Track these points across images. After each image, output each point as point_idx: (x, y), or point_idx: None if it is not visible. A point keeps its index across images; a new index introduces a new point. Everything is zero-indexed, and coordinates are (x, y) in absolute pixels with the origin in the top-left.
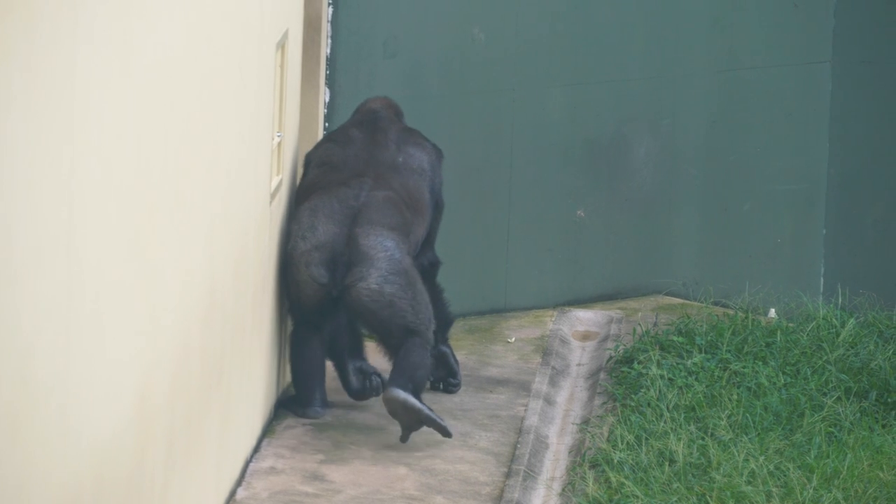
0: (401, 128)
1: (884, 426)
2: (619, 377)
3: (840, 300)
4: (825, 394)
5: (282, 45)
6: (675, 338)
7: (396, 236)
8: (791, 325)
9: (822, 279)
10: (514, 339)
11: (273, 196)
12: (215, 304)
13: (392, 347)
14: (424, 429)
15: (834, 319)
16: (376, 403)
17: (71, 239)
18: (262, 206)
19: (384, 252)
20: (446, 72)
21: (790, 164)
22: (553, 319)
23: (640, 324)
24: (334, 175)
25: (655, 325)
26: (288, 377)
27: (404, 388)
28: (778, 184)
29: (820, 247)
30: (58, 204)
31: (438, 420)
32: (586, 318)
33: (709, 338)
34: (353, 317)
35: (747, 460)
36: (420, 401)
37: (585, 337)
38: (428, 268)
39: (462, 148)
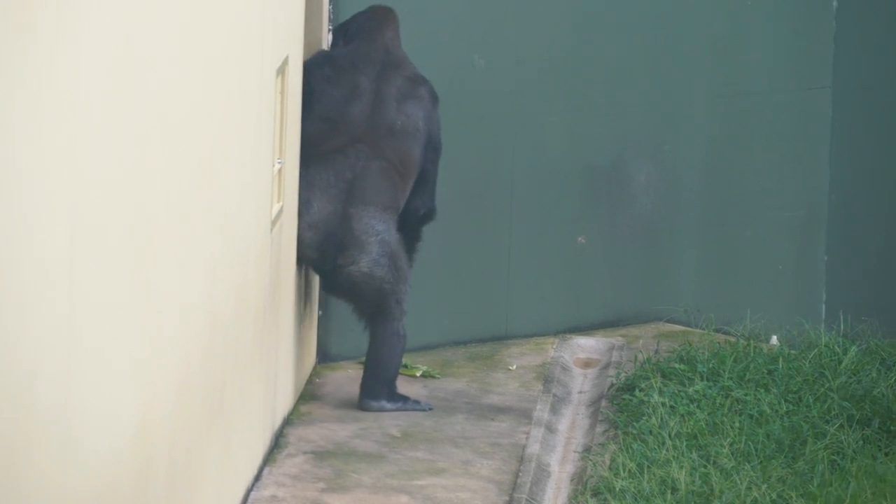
0: (405, 75)
1: (887, 454)
2: (620, 405)
3: (842, 327)
4: (828, 421)
5: (282, 72)
6: (676, 365)
7: (387, 217)
8: (793, 352)
9: (823, 306)
10: (515, 367)
11: (274, 223)
12: (217, 332)
13: (365, 316)
14: (423, 455)
15: (836, 347)
16: (377, 431)
17: (72, 267)
18: (263, 233)
19: (375, 236)
20: (447, 98)
21: (791, 191)
22: (554, 346)
23: (641, 351)
24: (333, 138)
25: (657, 352)
26: (288, 404)
27: (377, 397)
28: (779, 210)
29: (822, 273)
30: (59, 233)
31: (416, 407)
32: (588, 345)
33: (710, 365)
34: (338, 293)
35: (750, 488)
36: (394, 398)
37: (587, 364)
38: (421, 217)
39: (462, 174)
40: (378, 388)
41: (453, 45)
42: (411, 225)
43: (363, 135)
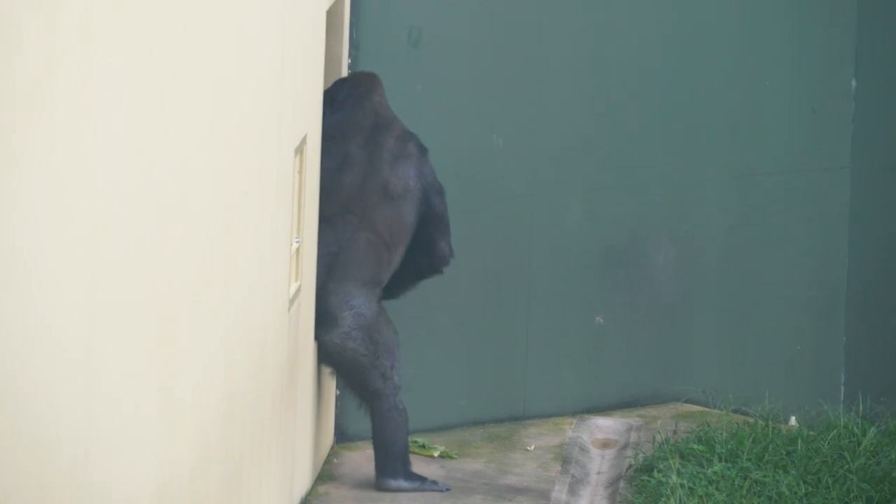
0: (395, 135)
1: None
2: (638, 486)
3: (861, 408)
4: (847, 503)
5: (300, 150)
6: (694, 446)
7: (366, 291)
8: (812, 433)
9: (842, 387)
10: (533, 447)
11: (291, 302)
12: (234, 409)
13: (358, 396)
14: None
15: (855, 428)
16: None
17: (90, 348)
18: (280, 311)
19: (350, 310)
20: (464, 177)
21: (810, 271)
22: (572, 427)
23: (659, 431)
24: (324, 208)
25: (675, 432)
26: (305, 484)
27: (394, 475)
28: (798, 290)
29: (840, 354)
30: (77, 312)
31: (434, 488)
32: (606, 425)
33: (729, 446)
34: (327, 367)
35: None
36: (411, 478)
37: (605, 445)
38: (447, 260)
39: (481, 254)
40: (392, 466)
41: (472, 124)
42: (435, 268)
43: (353, 204)
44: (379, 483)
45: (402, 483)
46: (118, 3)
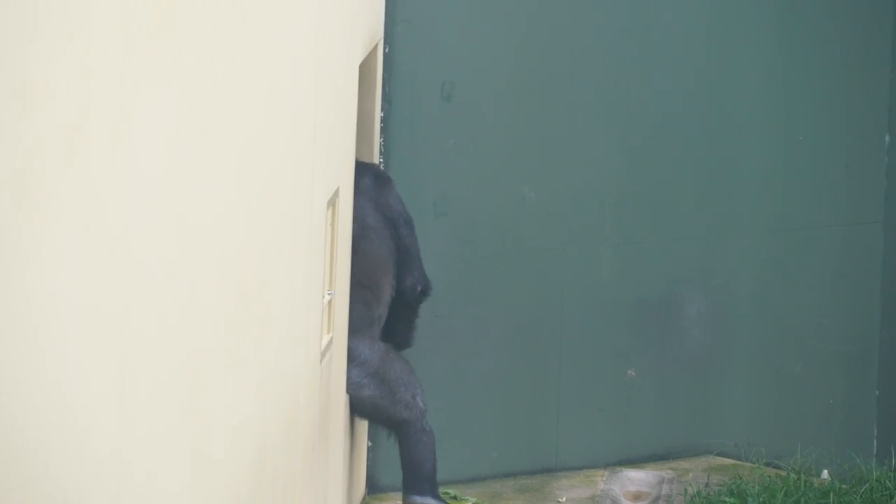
0: (368, 175)
1: None
2: None
3: (893, 462)
4: None
5: (333, 203)
6: (726, 499)
7: (362, 336)
8: (844, 486)
9: (875, 441)
10: (564, 499)
11: (323, 354)
12: (266, 461)
13: (390, 430)
14: None
15: (888, 482)
16: None
17: (122, 398)
18: (312, 364)
19: (352, 363)
20: (496, 230)
21: (842, 325)
22: (604, 479)
23: (691, 484)
24: None
25: (707, 485)
26: None
27: (422, 493)
28: (830, 344)
29: (873, 408)
30: (109, 362)
31: None
32: (637, 478)
33: (761, 499)
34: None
35: None
36: (439, 498)
37: (637, 497)
38: (419, 294)
39: (513, 306)
40: (421, 485)
41: (503, 177)
42: (410, 305)
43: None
44: (406, 500)
45: (430, 501)
46: (156, 54)
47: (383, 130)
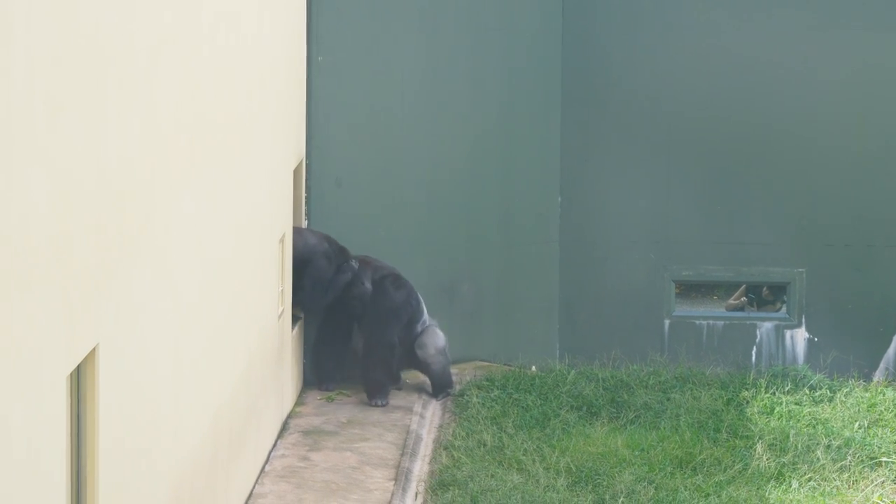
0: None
1: None
2: (457, 402)
3: (567, 359)
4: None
5: (282, 241)
6: (485, 382)
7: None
8: (543, 374)
9: (558, 347)
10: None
11: (280, 316)
12: (251, 371)
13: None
14: (359, 431)
15: (565, 371)
16: (334, 420)
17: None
18: (273, 320)
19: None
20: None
21: None
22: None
23: (467, 375)
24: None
25: (475, 376)
26: (289, 407)
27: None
28: None
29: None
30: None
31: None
32: None
33: (500, 382)
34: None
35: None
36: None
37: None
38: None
39: None
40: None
41: (386, 251)
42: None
43: None
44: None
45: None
46: (187, 168)
47: (306, 202)
